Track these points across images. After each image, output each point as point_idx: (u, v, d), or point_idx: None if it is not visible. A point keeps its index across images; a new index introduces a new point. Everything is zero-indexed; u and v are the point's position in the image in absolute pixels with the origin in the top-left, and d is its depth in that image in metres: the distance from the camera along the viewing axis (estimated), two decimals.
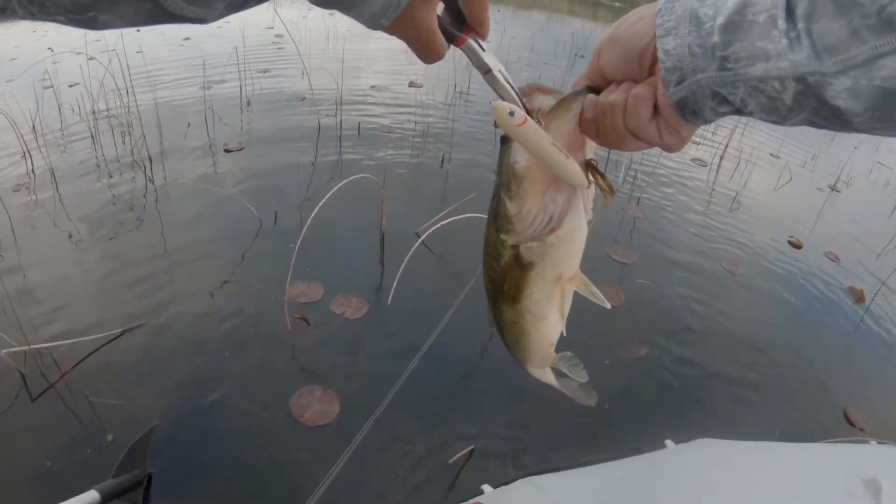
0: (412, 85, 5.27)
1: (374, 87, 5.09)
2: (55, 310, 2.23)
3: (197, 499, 1.64)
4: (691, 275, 3.00)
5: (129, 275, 2.46)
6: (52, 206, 2.92)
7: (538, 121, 0.49)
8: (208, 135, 3.85)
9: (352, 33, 6.29)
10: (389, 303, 2.40)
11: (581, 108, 0.50)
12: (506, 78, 0.52)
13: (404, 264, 2.43)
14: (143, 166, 3.33)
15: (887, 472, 1.22)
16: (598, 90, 0.51)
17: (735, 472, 1.28)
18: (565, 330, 0.61)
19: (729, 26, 0.40)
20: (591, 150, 0.54)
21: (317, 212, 2.29)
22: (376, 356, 2.18)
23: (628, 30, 0.48)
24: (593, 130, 0.51)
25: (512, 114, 0.46)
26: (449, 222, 2.62)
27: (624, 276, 2.89)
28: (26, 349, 1.96)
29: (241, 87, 4.61)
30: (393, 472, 1.77)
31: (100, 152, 3.50)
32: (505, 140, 0.51)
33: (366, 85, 5.11)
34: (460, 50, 0.52)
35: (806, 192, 4.49)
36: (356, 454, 1.41)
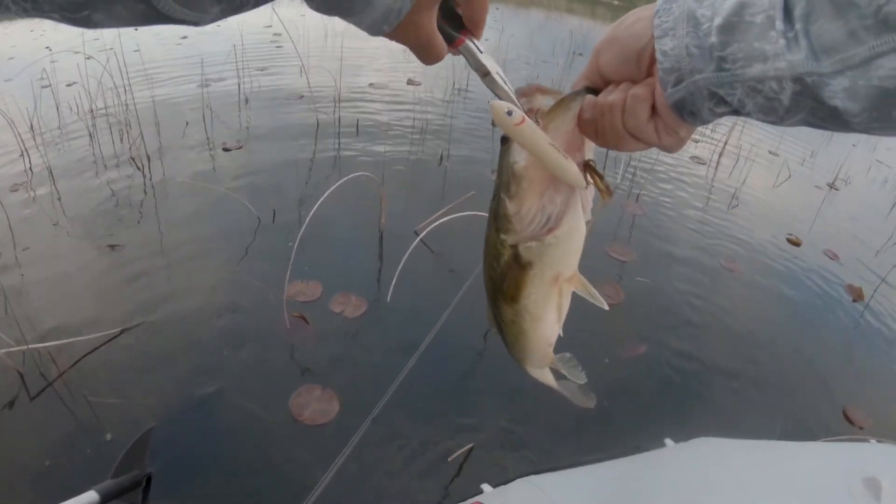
0: (411, 83, 5.26)
1: (372, 85, 5.08)
2: (53, 309, 2.22)
3: (196, 499, 1.64)
4: (690, 272, 3.00)
5: (128, 274, 2.45)
6: (50, 205, 2.92)
7: (536, 121, 0.49)
8: (206, 133, 3.84)
9: (350, 31, 6.18)
10: (388, 301, 2.40)
11: (580, 108, 0.50)
12: (503, 80, 0.52)
13: (403, 262, 2.42)
14: (142, 165, 3.33)
15: (887, 470, 1.22)
16: (596, 91, 0.51)
17: (734, 471, 1.28)
18: (564, 330, 0.61)
19: (726, 27, 0.40)
20: (591, 150, 0.54)
21: (315, 210, 2.29)
22: (375, 354, 2.17)
23: (626, 30, 0.48)
24: (592, 131, 0.51)
25: (510, 113, 0.47)
26: (448, 220, 2.61)
27: (623, 274, 2.89)
28: (24, 349, 1.96)
29: (239, 85, 4.60)
30: (392, 470, 1.77)
31: (98, 151, 3.49)
32: (505, 140, 0.52)
33: (364, 83, 5.10)
34: (458, 52, 0.52)
35: (805, 189, 4.49)
36: (355, 453, 1.42)
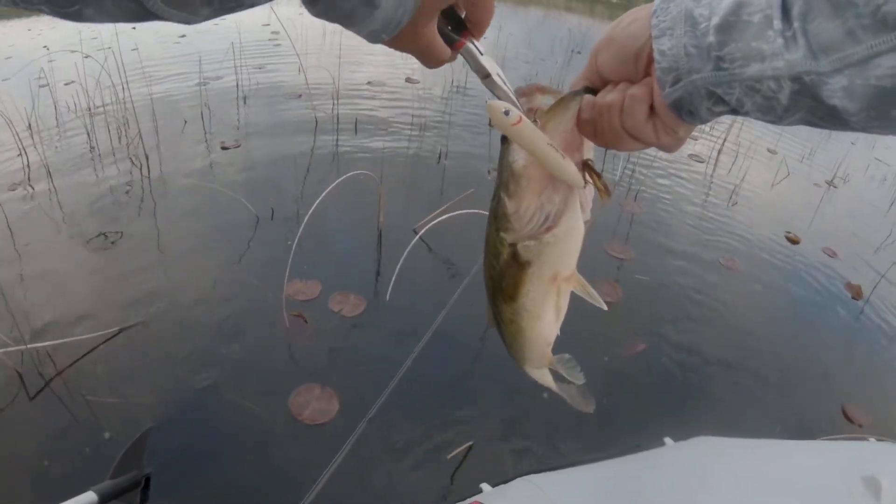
0: (409, 80, 5.26)
1: (370, 83, 5.07)
2: (52, 308, 2.22)
3: (195, 499, 1.63)
4: (689, 270, 3.00)
5: (126, 273, 2.45)
6: (48, 204, 2.91)
7: (535, 121, 0.49)
8: (205, 131, 3.83)
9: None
10: (387, 299, 2.40)
11: (578, 108, 0.50)
12: (504, 81, 0.53)
13: (402, 261, 2.42)
14: (140, 163, 3.32)
15: (887, 469, 1.22)
16: (595, 91, 0.51)
17: (734, 470, 1.28)
18: (563, 329, 0.61)
19: (724, 26, 0.40)
20: (590, 150, 0.54)
21: (314, 208, 2.29)
22: (375, 353, 2.17)
23: (624, 31, 0.48)
24: (591, 131, 0.51)
25: (507, 113, 0.47)
26: (446, 218, 2.61)
27: (622, 272, 2.89)
28: (23, 348, 1.96)
29: (237, 83, 4.59)
30: (391, 469, 1.77)
31: (96, 150, 3.48)
32: (505, 139, 0.52)
33: (362, 80, 5.09)
34: (459, 54, 0.53)
35: (803, 187, 4.49)
36: (354, 452, 1.41)
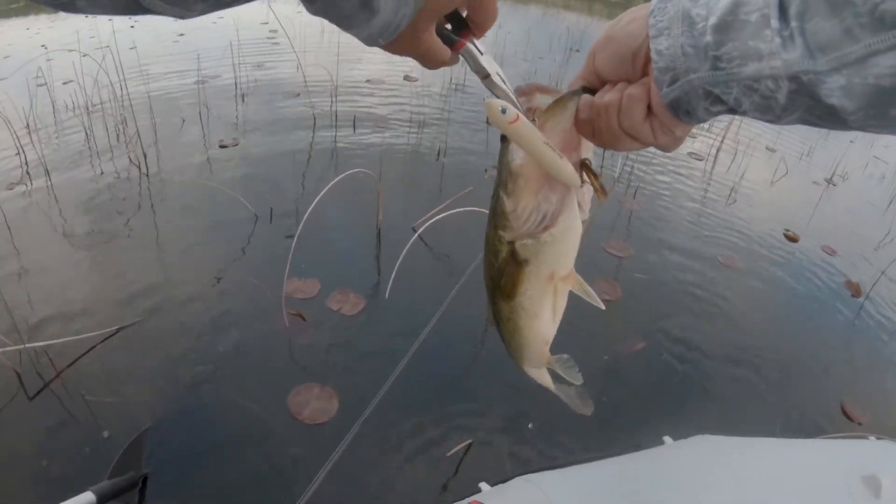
0: (407, 78, 5.25)
1: (369, 81, 5.06)
2: (50, 307, 2.22)
3: (194, 499, 1.63)
4: (688, 268, 3.00)
5: (125, 272, 2.45)
6: (46, 203, 2.91)
7: (533, 120, 0.49)
8: (203, 129, 3.83)
9: None
10: (387, 297, 2.40)
11: (576, 108, 0.51)
12: (503, 81, 0.53)
13: (401, 259, 2.42)
14: (138, 162, 3.32)
15: (887, 468, 1.22)
16: (593, 91, 0.51)
17: (733, 469, 1.28)
18: (561, 327, 0.61)
19: (721, 26, 0.40)
20: (590, 150, 0.55)
21: (313, 207, 2.29)
22: (374, 352, 2.17)
23: (622, 30, 0.48)
24: (588, 130, 0.51)
25: (504, 111, 0.47)
26: (445, 216, 2.61)
27: (621, 270, 2.89)
28: (21, 348, 1.96)
29: (235, 81, 4.58)
30: (390, 467, 1.77)
31: (94, 149, 3.48)
32: (504, 138, 0.52)
33: (361, 78, 5.08)
34: (459, 55, 0.53)
35: (802, 185, 4.49)
36: (352, 451, 1.41)
